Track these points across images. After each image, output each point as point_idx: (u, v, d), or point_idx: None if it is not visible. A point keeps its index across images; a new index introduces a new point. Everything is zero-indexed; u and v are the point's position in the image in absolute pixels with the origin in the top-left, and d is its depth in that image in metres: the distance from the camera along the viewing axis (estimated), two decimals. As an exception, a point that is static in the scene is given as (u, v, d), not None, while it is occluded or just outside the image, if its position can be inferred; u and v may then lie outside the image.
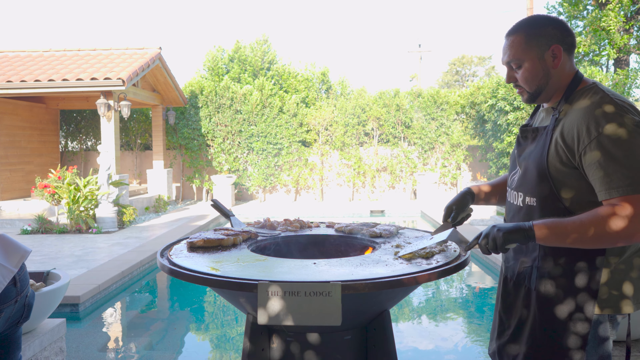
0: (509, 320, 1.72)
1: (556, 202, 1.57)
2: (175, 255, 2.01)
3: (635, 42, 12.49)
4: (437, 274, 1.75)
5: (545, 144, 1.59)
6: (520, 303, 1.68)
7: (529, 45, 1.62)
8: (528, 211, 1.64)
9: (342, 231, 2.45)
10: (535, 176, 1.61)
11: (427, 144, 13.85)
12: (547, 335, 1.58)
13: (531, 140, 1.69)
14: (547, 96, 1.67)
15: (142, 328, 4.74)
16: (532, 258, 1.62)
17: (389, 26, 79.01)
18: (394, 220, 11.28)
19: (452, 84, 39.94)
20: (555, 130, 1.58)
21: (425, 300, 5.56)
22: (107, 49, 11.93)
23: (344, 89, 14.96)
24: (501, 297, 1.78)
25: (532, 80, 1.64)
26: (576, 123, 1.52)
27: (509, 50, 1.66)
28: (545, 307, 1.59)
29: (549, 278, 1.59)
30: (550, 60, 1.62)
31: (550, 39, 1.61)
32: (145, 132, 14.31)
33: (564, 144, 1.53)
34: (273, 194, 14.32)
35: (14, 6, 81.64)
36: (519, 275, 1.69)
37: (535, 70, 1.63)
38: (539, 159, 1.60)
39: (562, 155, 1.54)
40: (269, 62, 15.43)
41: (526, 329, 1.64)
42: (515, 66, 1.66)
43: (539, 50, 1.61)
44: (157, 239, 7.90)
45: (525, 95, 1.69)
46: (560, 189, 1.56)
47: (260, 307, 1.58)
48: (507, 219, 1.80)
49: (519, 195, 1.69)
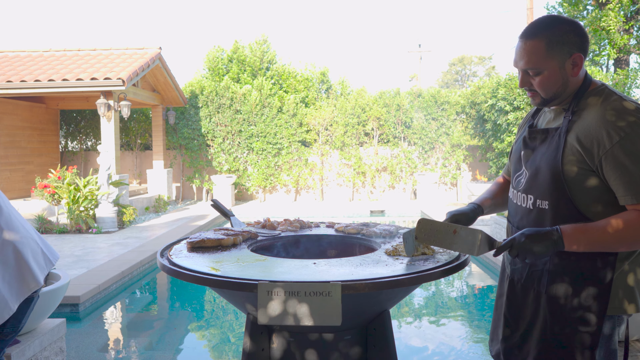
0: (517, 322, 1.71)
1: (569, 206, 1.54)
2: (175, 255, 2.01)
3: (635, 42, 12.49)
4: (437, 274, 1.75)
5: (559, 147, 1.56)
6: (530, 306, 1.67)
7: (550, 54, 1.54)
8: (539, 214, 1.61)
9: (342, 231, 2.45)
10: (548, 179, 1.57)
11: (427, 144, 13.85)
12: (557, 338, 1.58)
13: (540, 142, 1.65)
14: (560, 101, 1.63)
15: (142, 328, 4.74)
16: (543, 262, 1.61)
17: (389, 26, 79.02)
18: (394, 220, 11.28)
19: (452, 84, 39.94)
20: (569, 132, 1.55)
21: (425, 300, 5.56)
22: (107, 49, 11.93)
23: (344, 89, 14.96)
24: (507, 299, 1.76)
25: (550, 87, 1.59)
26: (595, 126, 1.49)
27: (528, 57, 1.57)
28: (556, 310, 1.58)
29: (560, 281, 1.57)
30: (570, 69, 1.57)
31: (572, 46, 1.54)
32: (145, 132, 14.31)
33: (581, 147, 1.50)
34: (273, 194, 14.32)
35: (14, 6, 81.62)
36: (527, 278, 1.67)
37: (554, 79, 1.57)
38: (552, 161, 1.56)
39: (579, 158, 1.51)
40: (269, 62, 15.42)
41: (536, 332, 1.64)
42: (532, 73, 1.59)
43: (561, 59, 1.55)
44: (157, 239, 7.90)
45: (537, 100, 1.64)
46: (575, 193, 1.53)
47: (261, 307, 1.58)
48: (513, 221, 1.76)
49: (528, 198, 1.65)
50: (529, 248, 1.47)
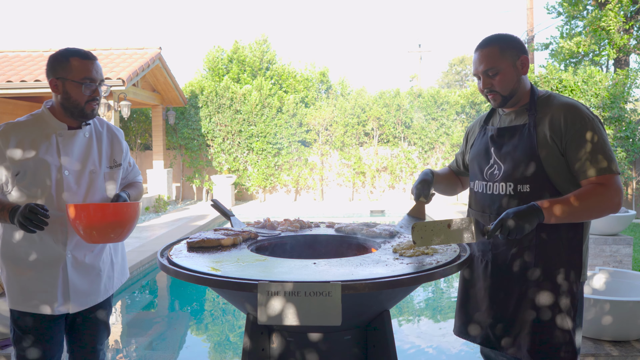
0: (506, 303, 1.91)
1: (548, 185, 1.83)
2: (175, 255, 2.02)
3: (635, 42, 12.48)
4: (437, 274, 1.76)
5: (531, 137, 1.86)
6: (517, 286, 1.88)
7: (503, 56, 1.90)
8: (521, 198, 1.86)
9: (342, 231, 2.45)
10: (527, 165, 1.85)
11: (427, 144, 13.85)
12: (548, 310, 1.82)
13: (508, 138, 1.94)
14: (515, 100, 1.94)
15: (142, 328, 4.74)
16: (528, 239, 1.84)
17: (389, 26, 79.02)
18: (394, 220, 11.28)
19: (453, 84, 39.93)
20: (539, 125, 1.87)
21: (425, 300, 5.56)
22: (107, 49, 11.93)
23: (343, 89, 14.95)
24: (491, 284, 1.95)
25: (508, 84, 1.91)
26: (559, 118, 1.83)
27: (486, 60, 1.91)
28: (544, 285, 1.83)
29: (546, 258, 1.83)
30: (520, 68, 1.92)
31: (519, 50, 1.92)
32: (145, 132, 14.30)
33: (550, 136, 1.83)
34: (273, 194, 14.32)
35: (14, 6, 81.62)
36: (512, 258, 1.89)
37: (510, 76, 1.91)
38: (529, 150, 1.85)
39: (551, 144, 1.82)
40: (268, 62, 15.41)
41: (526, 307, 1.86)
42: (492, 74, 1.91)
43: (512, 59, 1.91)
44: (157, 239, 7.90)
45: (498, 100, 1.94)
46: (550, 173, 1.83)
47: (261, 307, 1.58)
48: (490, 210, 1.96)
49: (507, 185, 1.91)
50: (520, 224, 1.69)
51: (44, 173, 2.00)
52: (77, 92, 2.01)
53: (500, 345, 1.92)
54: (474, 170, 2.08)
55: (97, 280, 2.15)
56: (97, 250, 2.15)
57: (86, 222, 1.91)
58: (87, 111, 2.05)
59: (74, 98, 2.02)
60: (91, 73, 2.03)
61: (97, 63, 2.08)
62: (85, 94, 2.02)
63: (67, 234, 2.04)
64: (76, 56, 2.04)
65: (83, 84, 2.01)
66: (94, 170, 2.13)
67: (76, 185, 2.07)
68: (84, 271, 2.11)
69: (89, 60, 2.05)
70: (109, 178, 2.19)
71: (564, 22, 14.47)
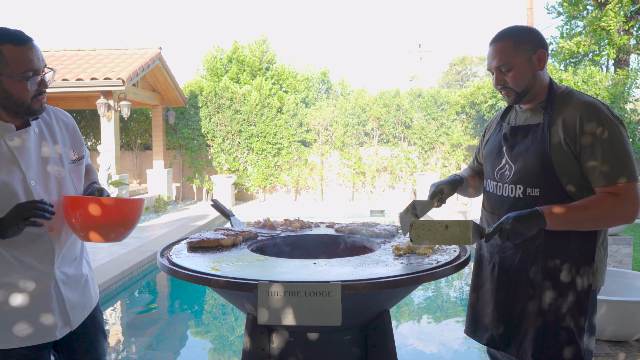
0: (512, 306, 1.86)
1: (559, 190, 1.73)
2: (175, 255, 2.01)
3: (635, 42, 12.48)
4: (437, 274, 1.75)
5: (544, 139, 1.75)
6: (523, 288, 1.82)
7: (517, 50, 1.79)
8: (530, 201, 1.77)
9: (342, 231, 2.45)
10: (538, 168, 1.76)
11: (427, 144, 13.85)
12: (554, 317, 1.76)
13: (522, 137, 1.84)
14: (531, 96, 1.84)
15: (142, 328, 4.74)
16: (536, 244, 1.77)
17: (389, 26, 79.03)
18: (394, 220, 11.27)
19: (453, 84, 39.92)
20: (552, 126, 1.76)
21: (425, 300, 5.56)
22: (107, 49, 11.92)
23: (344, 89, 14.95)
24: (497, 286, 1.90)
25: (522, 80, 1.81)
26: (574, 120, 1.71)
27: (499, 55, 1.81)
28: (551, 290, 1.76)
29: (555, 260, 1.76)
30: (536, 63, 1.81)
31: (535, 44, 1.80)
32: (145, 132, 14.30)
33: (564, 138, 1.72)
34: (273, 194, 14.32)
35: (14, 6, 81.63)
36: (520, 262, 1.82)
37: (524, 72, 1.80)
38: (541, 152, 1.75)
39: (564, 147, 1.72)
40: (268, 62, 15.40)
41: (531, 311, 1.80)
42: (505, 69, 1.81)
43: (527, 54, 1.80)
44: (157, 239, 7.90)
45: (512, 96, 1.85)
46: (562, 178, 1.73)
47: (261, 307, 1.58)
48: (500, 212, 1.89)
49: (517, 188, 1.82)
50: (518, 229, 1.64)
51: (8, 193, 1.63)
52: (20, 89, 1.62)
53: (505, 347, 1.89)
54: (487, 169, 2.01)
55: (86, 287, 1.92)
56: (78, 256, 1.90)
57: (90, 219, 1.66)
58: (34, 107, 1.67)
59: (17, 96, 1.62)
60: (33, 63, 1.62)
61: (35, 46, 1.64)
62: (31, 90, 1.64)
63: (53, 250, 1.73)
64: (9, 43, 1.59)
65: (26, 78, 1.61)
66: (59, 172, 1.79)
67: (47, 194, 1.73)
68: (74, 283, 1.85)
69: (26, 45, 1.61)
70: (75, 175, 1.86)
71: (564, 22, 14.47)
